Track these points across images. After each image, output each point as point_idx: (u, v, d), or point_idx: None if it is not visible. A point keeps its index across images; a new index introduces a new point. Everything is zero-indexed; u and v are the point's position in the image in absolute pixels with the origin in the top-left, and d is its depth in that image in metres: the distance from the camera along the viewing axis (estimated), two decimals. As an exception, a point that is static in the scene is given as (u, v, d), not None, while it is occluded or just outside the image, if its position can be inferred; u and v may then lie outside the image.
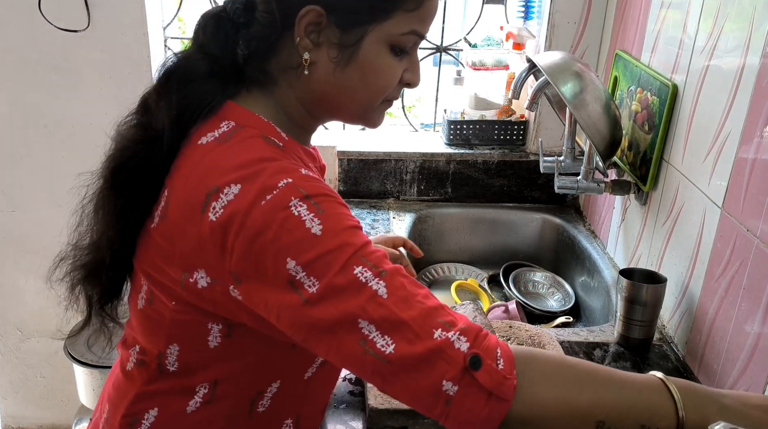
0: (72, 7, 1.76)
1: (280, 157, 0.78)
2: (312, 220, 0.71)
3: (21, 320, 2.17)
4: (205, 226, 0.74)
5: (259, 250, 0.71)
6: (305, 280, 0.70)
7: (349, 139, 2.04)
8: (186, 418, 0.86)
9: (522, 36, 1.95)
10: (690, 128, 1.30)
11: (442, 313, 0.72)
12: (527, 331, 1.22)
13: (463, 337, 0.69)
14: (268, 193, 0.72)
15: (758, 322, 1.06)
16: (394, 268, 0.73)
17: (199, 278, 0.77)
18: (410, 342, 0.69)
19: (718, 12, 1.21)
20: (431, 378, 0.68)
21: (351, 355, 0.71)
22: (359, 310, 0.70)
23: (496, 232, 1.97)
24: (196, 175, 0.77)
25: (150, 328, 0.85)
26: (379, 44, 0.80)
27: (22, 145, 1.92)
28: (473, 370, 0.68)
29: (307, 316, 0.71)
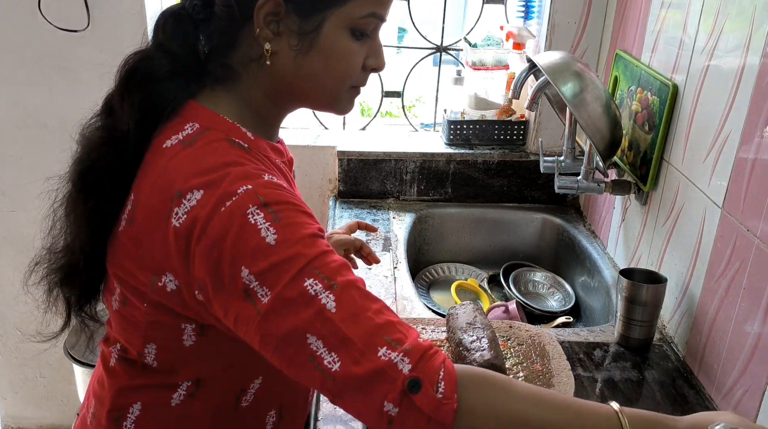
0: (72, 7, 1.76)
1: (244, 160, 0.78)
2: (267, 229, 0.72)
3: (21, 320, 2.17)
4: (170, 232, 0.75)
5: (218, 257, 0.72)
6: (258, 289, 0.71)
7: (349, 139, 2.04)
8: (170, 412, 0.87)
9: (522, 36, 1.95)
10: (690, 128, 1.30)
11: (391, 330, 0.72)
12: (527, 331, 1.22)
13: (406, 359, 0.69)
14: (227, 199, 0.73)
15: (758, 322, 1.06)
16: (347, 281, 0.73)
17: (167, 282, 0.78)
18: (355, 361, 0.69)
19: (718, 12, 1.21)
20: (374, 399, 0.69)
21: (301, 369, 0.72)
22: (308, 325, 0.70)
23: (496, 232, 1.96)
24: (161, 180, 0.77)
25: (127, 329, 0.86)
26: (339, 29, 0.80)
27: (22, 145, 1.92)
28: (412, 394, 0.68)
29: (260, 327, 0.72)
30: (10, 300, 2.13)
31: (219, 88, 0.84)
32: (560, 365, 1.12)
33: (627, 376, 1.25)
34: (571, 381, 1.08)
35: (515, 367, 1.11)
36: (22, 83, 1.85)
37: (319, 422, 1.09)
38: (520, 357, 1.14)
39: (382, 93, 2.15)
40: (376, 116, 2.20)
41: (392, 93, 2.17)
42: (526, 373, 1.10)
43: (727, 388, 1.14)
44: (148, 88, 0.81)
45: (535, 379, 1.09)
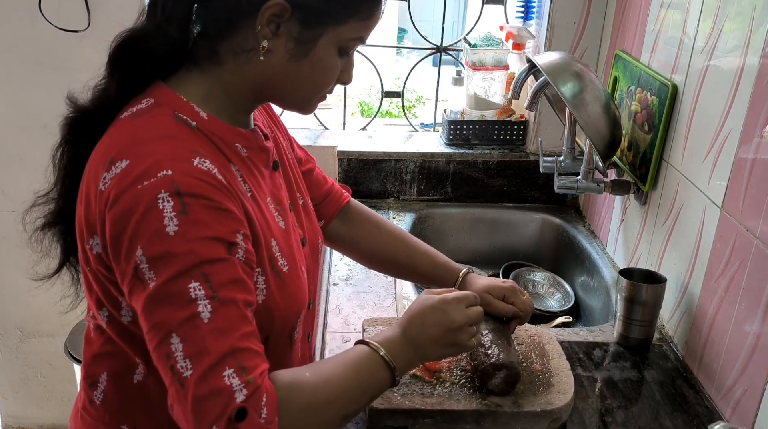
0: (72, 7, 1.76)
1: (182, 137, 0.81)
2: (172, 218, 0.74)
3: (21, 320, 2.17)
4: (98, 195, 0.79)
5: (121, 230, 0.76)
6: (147, 271, 0.75)
7: (349, 139, 2.05)
8: (133, 388, 0.90)
9: (522, 36, 1.95)
10: (690, 128, 1.30)
11: (247, 356, 0.75)
12: (527, 331, 1.22)
13: (245, 390, 0.74)
14: (146, 179, 0.75)
15: (758, 321, 1.06)
16: (229, 297, 0.76)
17: (94, 244, 0.82)
18: (203, 375, 0.73)
19: (717, 12, 1.21)
20: (206, 418, 0.73)
21: (159, 360, 0.76)
22: (176, 326, 0.74)
23: (496, 232, 1.97)
24: (103, 147, 0.82)
25: (88, 294, 0.90)
26: (332, 45, 0.85)
27: (22, 145, 1.92)
28: (237, 422, 0.73)
29: (141, 308, 0.76)
30: (10, 300, 2.13)
31: (195, 69, 0.86)
32: (560, 365, 1.12)
33: (626, 376, 1.25)
34: (570, 380, 1.09)
35: (515, 367, 1.11)
36: (22, 83, 1.86)
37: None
38: (519, 357, 1.14)
39: (382, 93, 2.15)
40: (376, 116, 2.20)
41: (392, 93, 2.17)
42: (525, 373, 1.10)
43: (726, 388, 1.14)
44: (133, 66, 0.85)
45: (535, 379, 1.09)
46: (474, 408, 1.03)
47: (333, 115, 2.15)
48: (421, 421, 1.02)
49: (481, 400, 1.04)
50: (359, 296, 1.49)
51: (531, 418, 1.03)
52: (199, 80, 0.86)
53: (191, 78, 0.86)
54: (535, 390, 1.06)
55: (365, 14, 0.85)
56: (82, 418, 0.97)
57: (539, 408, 1.03)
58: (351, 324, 1.38)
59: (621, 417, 1.14)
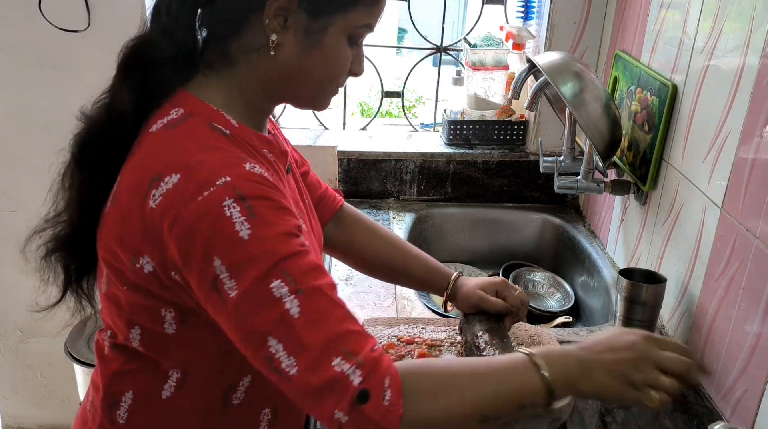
0: (72, 7, 1.76)
1: (225, 146, 0.80)
2: (242, 223, 0.73)
3: (21, 320, 2.17)
4: (147, 213, 0.76)
5: (191, 245, 0.74)
6: (227, 281, 0.73)
7: (349, 139, 2.05)
8: (161, 404, 0.88)
9: (522, 36, 1.95)
10: (690, 128, 1.30)
11: (349, 339, 0.74)
12: (527, 331, 1.22)
13: (358, 371, 0.72)
14: (205, 189, 0.74)
15: (758, 321, 1.06)
16: (314, 286, 0.75)
17: (144, 264, 0.79)
18: (310, 369, 0.72)
19: (717, 12, 1.21)
20: (325, 407, 0.72)
21: (261, 367, 0.75)
22: (270, 327, 0.73)
23: (496, 232, 1.97)
24: (142, 162, 0.80)
25: (113, 312, 0.88)
26: (341, 34, 0.84)
27: (22, 145, 1.92)
28: (360, 405, 0.72)
29: (229, 318, 0.75)
30: (10, 300, 2.13)
31: (212, 74, 0.85)
32: (560, 365, 1.12)
33: (626, 376, 1.25)
34: (570, 381, 1.09)
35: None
36: (22, 83, 1.86)
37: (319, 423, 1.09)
38: (519, 357, 1.14)
39: (382, 93, 2.15)
40: (376, 116, 2.20)
41: (392, 93, 2.17)
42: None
43: (726, 388, 1.14)
44: (147, 74, 0.83)
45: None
46: (474, 408, 1.02)
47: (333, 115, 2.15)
48: (421, 421, 1.02)
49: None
50: (359, 296, 1.49)
51: (531, 418, 1.02)
52: (218, 86, 0.85)
53: (210, 84, 0.85)
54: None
55: (370, 0, 0.84)
56: None
57: (539, 408, 1.03)
58: (351, 324, 1.38)
59: (621, 417, 1.14)
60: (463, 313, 1.19)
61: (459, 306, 1.17)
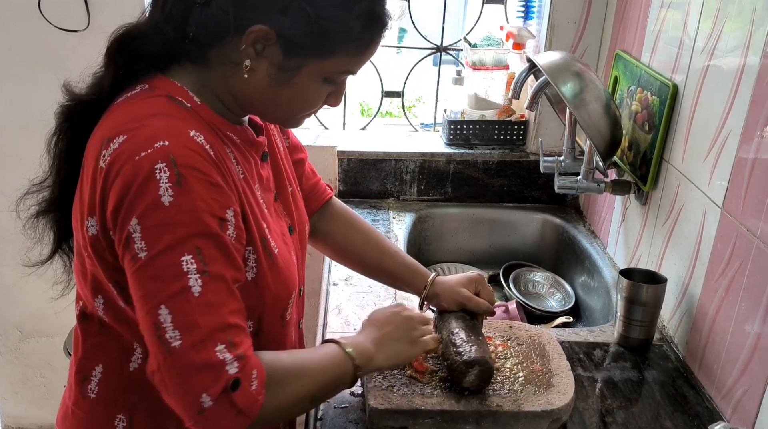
0: (72, 7, 1.76)
1: (179, 115, 0.83)
2: (167, 189, 0.75)
3: (21, 320, 2.17)
4: (97, 173, 0.80)
5: (121, 200, 0.77)
6: (137, 241, 0.76)
7: (349, 139, 2.04)
8: (129, 376, 0.91)
9: (522, 36, 1.95)
10: (690, 128, 1.30)
11: (235, 332, 0.78)
12: (527, 331, 1.22)
13: (236, 363, 0.76)
14: (143, 149, 0.77)
15: (758, 321, 1.06)
16: (219, 273, 0.78)
17: (89, 226, 0.82)
18: (193, 347, 0.75)
19: (718, 12, 1.21)
20: (196, 385, 0.75)
21: (145, 329, 0.77)
22: (166, 298, 0.75)
23: (496, 232, 1.96)
24: (100, 129, 0.84)
25: (80, 281, 0.91)
26: (315, 75, 0.86)
27: (22, 145, 1.92)
28: (232, 392, 0.76)
29: (131, 278, 0.78)
30: (10, 300, 2.13)
31: (188, 65, 0.88)
32: (560, 365, 1.12)
33: (627, 376, 1.25)
34: (571, 381, 1.09)
35: (515, 367, 1.11)
36: (22, 83, 1.85)
37: (319, 422, 1.09)
38: (520, 357, 1.14)
39: (382, 93, 2.15)
40: (376, 116, 2.20)
41: (392, 93, 2.17)
42: (526, 373, 1.10)
43: (727, 388, 1.14)
44: (129, 62, 0.86)
45: (536, 379, 1.09)
46: (474, 408, 1.02)
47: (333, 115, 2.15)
48: (421, 421, 1.02)
49: (481, 401, 1.04)
50: (359, 296, 1.49)
51: (531, 419, 1.03)
52: (192, 75, 0.88)
53: (185, 72, 0.88)
54: (535, 390, 1.06)
55: (353, 51, 0.86)
56: (73, 414, 0.98)
57: (539, 408, 1.03)
58: (351, 324, 1.38)
59: (621, 417, 1.14)
60: (437, 310, 1.19)
61: (441, 304, 1.18)
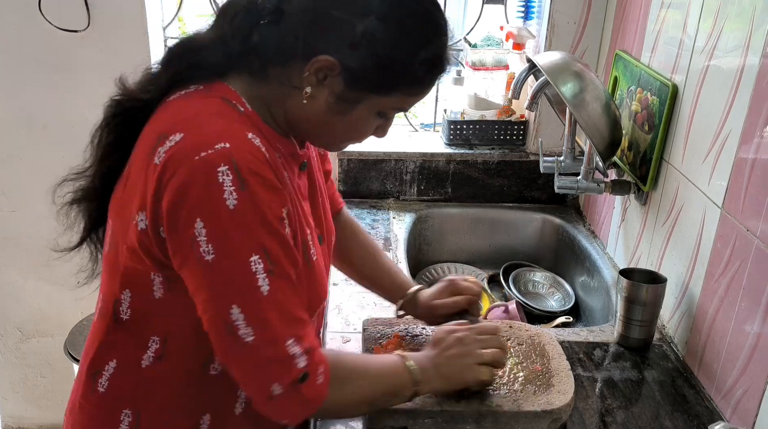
0: (72, 7, 1.76)
1: (233, 117, 0.83)
2: (231, 192, 0.76)
3: (21, 320, 2.17)
4: (151, 169, 0.80)
5: (180, 200, 0.77)
6: (203, 244, 0.77)
7: (349, 139, 2.04)
8: (141, 373, 0.91)
9: (522, 36, 1.95)
10: (690, 128, 1.30)
11: (301, 326, 0.83)
12: (527, 331, 1.22)
13: (304, 356, 0.82)
14: (203, 150, 0.77)
15: (758, 321, 1.06)
16: (285, 271, 0.81)
17: (139, 220, 0.83)
18: (267, 341, 0.80)
19: (718, 12, 1.21)
20: (267, 377, 0.81)
21: (213, 327, 0.81)
22: (237, 298, 0.78)
23: (496, 232, 1.97)
24: (153, 124, 0.85)
25: (110, 273, 0.91)
26: (372, 109, 0.88)
27: (22, 145, 1.92)
28: (300, 383, 0.82)
29: (196, 280, 0.80)
30: (10, 300, 2.13)
31: (247, 76, 0.88)
32: (560, 365, 1.12)
33: (627, 376, 1.25)
34: (570, 381, 1.09)
35: (515, 367, 1.11)
36: (22, 83, 1.86)
37: (319, 422, 1.09)
38: (520, 357, 1.14)
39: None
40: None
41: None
42: (526, 373, 1.10)
43: (726, 388, 1.14)
44: (188, 69, 0.87)
45: (536, 379, 1.09)
46: (474, 408, 1.02)
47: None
48: (421, 421, 1.02)
49: (481, 400, 1.04)
50: (359, 296, 1.49)
51: (531, 419, 1.03)
52: (249, 85, 0.88)
53: (242, 79, 0.88)
54: (535, 390, 1.06)
55: (413, 91, 0.88)
56: (81, 408, 0.97)
57: (539, 408, 1.03)
58: (351, 324, 1.38)
59: (621, 417, 1.14)
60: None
61: (427, 322, 1.22)
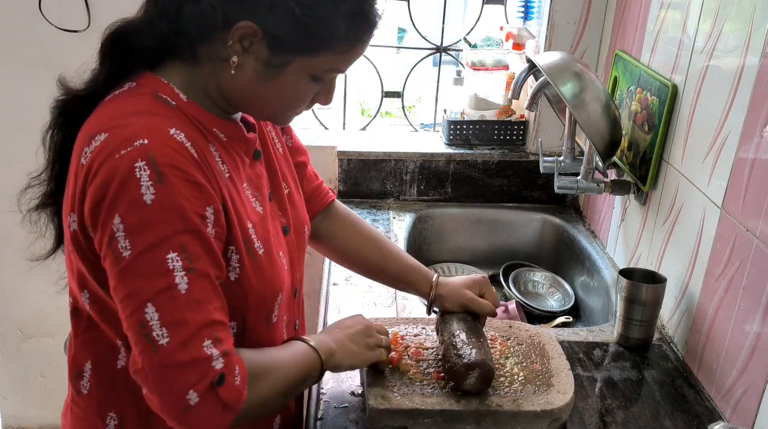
0: (72, 7, 1.76)
1: (162, 112, 0.83)
2: (149, 187, 0.76)
3: (21, 320, 2.17)
4: (79, 169, 0.80)
5: (100, 199, 0.77)
6: (121, 240, 0.76)
7: (349, 139, 2.04)
8: (118, 373, 0.91)
9: (522, 36, 1.95)
10: (690, 128, 1.30)
11: (220, 328, 0.79)
12: (527, 331, 1.22)
13: (221, 358, 0.78)
14: (123, 148, 0.77)
15: (757, 321, 1.06)
16: (204, 270, 0.79)
17: (71, 222, 0.83)
18: (183, 344, 0.76)
19: (717, 12, 1.21)
20: (182, 384, 0.76)
21: (129, 328, 0.78)
22: (152, 295, 0.76)
23: (496, 232, 1.97)
24: (86, 125, 0.84)
25: (70, 275, 0.91)
26: (301, 72, 0.86)
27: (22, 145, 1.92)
28: (218, 386, 0.77)
29: (115, 277, 0.78)
30: (10, 300, 2.13)
31: (178, 62, 0.88)
32: (560, 365, 1.12)
33: (626, 376, 1.25)
34: (570, 380, 1.09)
35: (515, 367, 1.11)
36: (22, 83, 1.86)
37: (319, 422, 1.09)
38: (519, 357, 1.14)
39: (382, 93, 2.15)
40: (376, 116, 2.20)
41: (392, 93, 2.17)
42: (525, 373, 1.10)
43: (726, 388, 1.14)
44: (123, 58, 0.87)
45: (535, 379, 1.09)
46: (474, 408, 1.02)
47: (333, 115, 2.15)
48: (421, 421, 1.02)
49: (481, 400, 1.04)
50: (359, 296, 1.49)
51: (531, 418, 1.03)
52: (181, 72, 0.88)
53: (174, 69, 0.88)
54: (535, 390, 1.06)
55: (341, 50, 0.86)
56: (71, 411, 0.98)
57: (539, 408, 1.03)
58: (351, 324, 1.38)
59: (621, 417, 1.14)
60: (439, 311, 1.19)
61: (445, 305, 1.18)
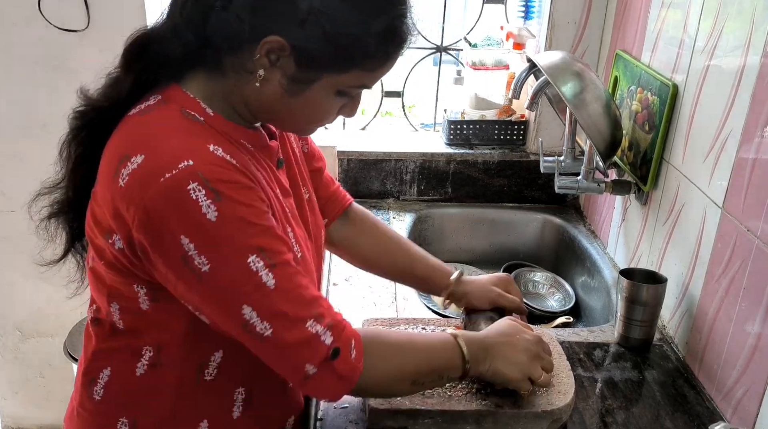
0: (72, 7, 1.76)
1: (194, 130, 0.83)
2: (209, 206, 0.77)
3: (21, 320, 2.17)
4: (116, 192, 0.80)
5: (157, 225, 0.78)
6: (196, 257, 0.78)
7: (349, 139, 2.04)
8: (136, 381, 0.92)
9: (522, 36, 1.95)
10: (690, 128, 1.30)
11: (316, 304, 0.84)
12: (527, 331, 1.22)
13: (329, 332, 0.83)
14: (167, 170, 0.77)
15: (758, 322, 1.06)
16: (284, 260, 0.82)
17: (116, 240, 0.83)
18: (286, 329, 0.81)
19: (718, 12, 1.21)
20: (298, 359, 0.82)
21: (231, 330, 0.82)
22: (245, 297, 0.79)
23: (496, 232, 1.96)
24: (114, 143, 0.85)
25: (97, 287, 0.91)
26: (328, 88, 0.86)
27: (22, 145, 1.92)
28: (332, 360, 0.83)
29: (198, 292, 0.81)
30: (10, 300, 2.13)
31: (203, 73, 0.87)
32: (560, 365, 1.12)
33: (627, 376, 1.25)
34: (571, 381, 1.08)
35: (515, 367, 1.11)
36: (22, 83, 1.85)
37: (319, 422, 1.09)
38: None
39: (382, 93, 2.15)
40: (376, 116, 2.20)
41: (392, 93, 2.17)
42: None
43: (727, 388, 1.14)
44: (148, 68, 0.86)
45: (535, 379, 1.09)
46: (474, 408, 1.02)
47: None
48: (421, 421, 1.02)
49: (481, 401, 1.04)
50: (359, 296, 1.49)
51: (531, 419, 1.03)
52: (206, 83, 0.87)
53: (199, 78, 0.87)
54: (535, 390, 1.06)
55: (371, 67, 0.86)
56: (78, 415, 0.97)
57: (539, 408, 1.03)
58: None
59: (621, 417, 1.14)
60: (465, 310, 1.19)
61: (472, 302, 1.20)
